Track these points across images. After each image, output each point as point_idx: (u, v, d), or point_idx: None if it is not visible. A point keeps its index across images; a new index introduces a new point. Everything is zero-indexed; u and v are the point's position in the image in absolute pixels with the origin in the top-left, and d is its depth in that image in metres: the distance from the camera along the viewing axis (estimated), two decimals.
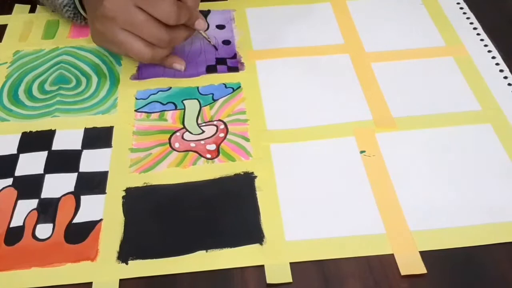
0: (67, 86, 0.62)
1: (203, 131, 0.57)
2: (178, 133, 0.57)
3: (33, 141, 0.56)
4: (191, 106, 0.60)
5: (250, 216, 0.50)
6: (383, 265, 0.47)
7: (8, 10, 0.72)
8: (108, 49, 0.63)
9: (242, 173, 0.53)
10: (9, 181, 0.53)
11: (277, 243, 0.48)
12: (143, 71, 0.64)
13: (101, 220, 0.50)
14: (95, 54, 0.66)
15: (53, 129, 0.57)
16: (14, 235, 0.49)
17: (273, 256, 0.47)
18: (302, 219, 0.50)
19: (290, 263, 0.47)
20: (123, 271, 0.46)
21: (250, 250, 0.47)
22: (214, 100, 0.60)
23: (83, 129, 0.57)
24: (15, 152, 0.55)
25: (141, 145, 0.56)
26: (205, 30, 0.65)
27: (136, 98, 0.61)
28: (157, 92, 0.61)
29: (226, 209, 0.50)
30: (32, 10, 0.72)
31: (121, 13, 0.56)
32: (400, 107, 0.59)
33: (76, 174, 0.53)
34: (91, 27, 0.61)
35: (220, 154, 0.55)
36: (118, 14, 0.56)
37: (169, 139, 0.56)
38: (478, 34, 0.68)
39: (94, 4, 0.58)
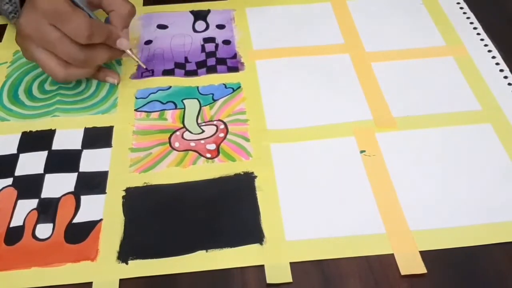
0: (67, 85, 0.62)
1: (203, 131, 0.57)
2: (178, 133, 0.57)
3: (33, 141, 0.56)
4: (191, 105, 0.60)
5: (250, 216, 0.50)
6: (383, 265, 0.47)
7: None
8: None
9: (242, 173, 0.53)
10: (9, 181, 0.53)
11: (277, 243, 0.48)
12: (143, 70, 0.64)
13: (101, 220, 0.50)
14: None
15: (53, 129, 0.57)
16: (14, 235, 0.49)
17: (273, 256, 0.47)
18: (302, 219, 0.50)
19: (290, 263, 0.47)
20: (123, 271, 0.46)
21: (250, 250, 0.47)
22: (214, 100, 0.60)
23: (83, 129, 0.57)
24: (15, 152, 0.55)
25: (141, 144, 0.56)
26: (133, 50, 0.62)
27: (136, 98, 0.61)
28: (157, 91, 0.61)
29: (226, 209, 0.50)
30: None
31: (36, 31, 0.55)
32: (400, 107, 0.59)
33: (76, 174, 0.53)
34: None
35: (220, 154, 0.55)
36: (33, 32, 0.55)
37: (169, 138, 0.56)
38: (478, 34, 0.68)
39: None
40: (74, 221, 0.50)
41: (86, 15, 0.55)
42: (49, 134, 0.57)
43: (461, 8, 0.72)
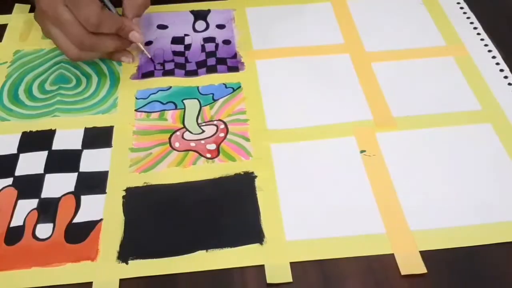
0: (67, 85, 0.62)
1: (203, 131, 0.57)
2: (178, 133, 0.57)
3: (33, 141, 0.56)
4: (191, 105, 0.60)
5: (250, 216, 0.50)
6: (383, 265, 0.47)
7: (8, 10, 0.72)
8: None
9: (242, 173, 0.53)
10: (9, 181, 0.53)
11: (277, 243, 0.48)
12: (143, 70, 0.64)
13: (101, 220, 0.50)
14: None
15: (53, 128, 0.57)
16: (14, 234, 0.49)
17: (273, 256, 0.47)
18: (302, 219, 0.50)
19: (290, 263, 0.47)
20: (123, 271, 0.46)
21: (250, 250, 0.47)
22: (214, 100, 0.60)
23: (83, 129, 0.57)
24: (15, 152, 0.55)
25: (141, 144, 0.56)
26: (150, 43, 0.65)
27: (136, 98, 0.61)
28: (157, 92, 0.61)
29: (226, 209, 0.50)
30: (32, 10, 0.72)
31: (51, 9, 0.57)
32: (400, 107, 0.59)
33: (76, 174, 0.53)
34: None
35: (220, 153, 0.55)
36: (48, 9, 0.57)
37: (169, 138, 0.56)
38: (478, 33, 0.68)
39: None
40: (74, 221, 0.50)
41: (99, 5, 0.56)
42: (49, 134, 0.57)
43: (461, 8, 0.72)
